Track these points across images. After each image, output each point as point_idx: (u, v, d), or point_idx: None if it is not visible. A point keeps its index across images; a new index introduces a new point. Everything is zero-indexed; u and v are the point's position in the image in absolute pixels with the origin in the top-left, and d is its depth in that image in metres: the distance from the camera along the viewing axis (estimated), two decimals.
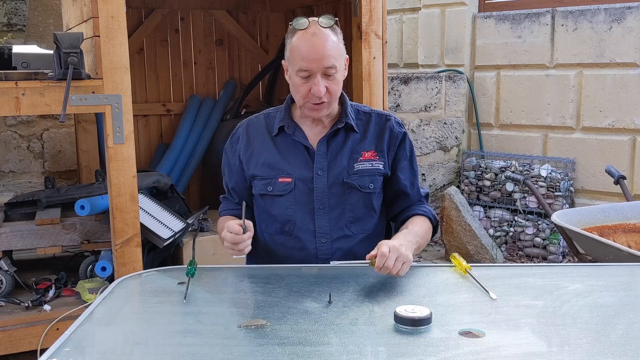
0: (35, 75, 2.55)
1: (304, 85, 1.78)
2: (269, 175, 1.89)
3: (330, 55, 1.75)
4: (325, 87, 1.77)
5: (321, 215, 1.88)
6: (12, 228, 2.93)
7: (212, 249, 3.33)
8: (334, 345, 1.28)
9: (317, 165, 1.88)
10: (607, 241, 2.45)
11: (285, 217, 1.89)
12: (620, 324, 1.40)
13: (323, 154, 1.89)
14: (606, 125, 4.27)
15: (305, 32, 1.76)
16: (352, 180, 1.88)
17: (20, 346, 2.65)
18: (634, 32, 4.12)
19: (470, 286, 1.63)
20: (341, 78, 1.83)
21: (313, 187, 1.87)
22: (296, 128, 1.90)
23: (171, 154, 4.27)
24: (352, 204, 1.89)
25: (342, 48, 1.82)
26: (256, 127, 1.95)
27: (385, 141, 1.92)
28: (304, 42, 1.75)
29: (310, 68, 1.75)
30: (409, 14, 5.34)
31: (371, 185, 1.89)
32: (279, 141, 1.91)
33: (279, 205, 1.89)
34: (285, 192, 1.88)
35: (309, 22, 1.77)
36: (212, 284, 1.65)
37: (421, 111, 4.73)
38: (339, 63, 1.78)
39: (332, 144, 1.90)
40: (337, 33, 1.80)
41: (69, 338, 1.32)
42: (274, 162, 1.90)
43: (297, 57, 1.76)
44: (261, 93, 4.64)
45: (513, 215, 4.49)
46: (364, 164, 1.89)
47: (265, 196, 1.90)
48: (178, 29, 4.42)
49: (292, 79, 1.82)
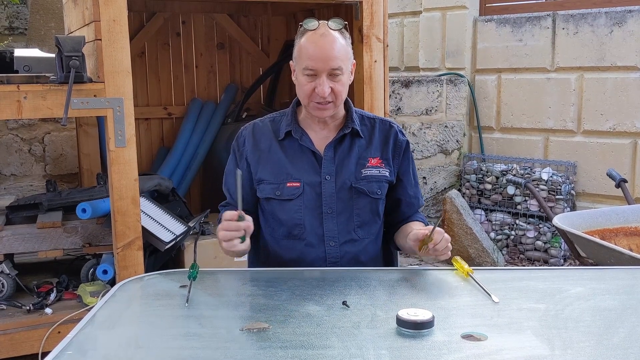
0: (37, 78, 2.56)
1: (308, 84, 1.80)
2: (277, 179, 1.90)
3: (337, 56, 1.78)
4: (330, 88, 1.79)
5: (329, 219, 1.89)
6: (13, 231, 2.93)
7: (214, 252, 3.32)
8: (336, 348, 1.28)
9: (324, 170, 1.90)
10: (609, 244, 2.45)
11: (294, 221, 1.90)
12: (623, 328, 1.40)
13: (330, 158, 1.90)
14: (607, 129, 4.28)
15: (315, 32, 1.79)
16: (361, 186, 1.90)
17: (21, 349, 2.65)
18: (635, 35, 4.12)
19: (472, 289, 1.63)
20: (347, 81, 1.85)
21: (321, 191, 1.89)
22: (303, 133, 1.91)
23: (172, 157, 4.27)
24: (359, 208, 1.91)
25: (349, 52, 1.84)
26: (262, 130, 1.96)
27: (390, 149, 1.96)
28: (312, 42, 1.78)
29: (316, 67, 1.77)
30: (410, 17, 5.34)
31: (379, 191, 1.92)
32: (286, 145, 1.92)
33: (287, 210, 1.90)
34: (293, 197, 1.88)
35: (318, 23, 1.80)
36: (214, 287, 1.65)
37: (422, 114, 4.73)
38: (345, 65, 1.81)
39: (339, 149, 1.92)
40: (346, 37, 1.84)
41: (71, 341, 1.32)
42: (282, 166, 1.91)
43: (304, 56, 1.79)
44: (262, 96, 4.64)
45: (514, 218, 4.48)
46: (371, 170, 1.91)
47: (273, 200, 1.91)
48: (179, 32, 4.43)
49: (298, 78, 1.84)
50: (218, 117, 4.43)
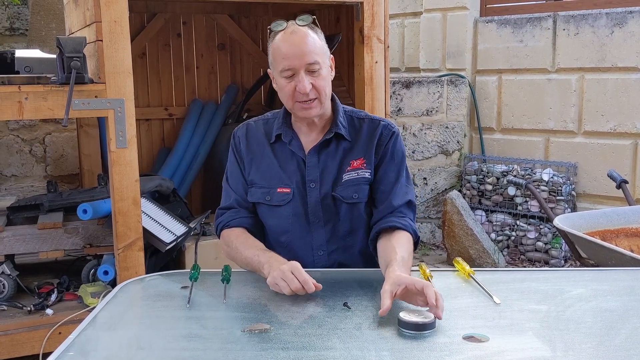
0: (38, 79, 2.56)
1: (289, 85, 1.73)
2: (267, 184, 1.85)
3: (311, 51, 1.71)
4: (311, 84, 1.72)
5: (316, 228, 1.84)
6: (14, 232, 2.93)
7: (215, 253, 3.32)
8: (338, 350, 1.28)
9: (309, 176, 1.83)
10: (610, 245, 2.45)
11: (282, 227, 1.85)
12: (624, 329, 1.40)
13: (315, 165, 1.83)
14: (608, 130, 4.28)
15: (284, 32, 1.74)
16: (337, 192, 1.82)
17: (22, 350, 2.65)
18: (636, 36, 4.13)
19: (473, 291, 1.63)
20: (327, 76, 1.77)
21: (307, 199, 1.83)
22: (293, 136, 1.85)
23: (173, 158, 4.27)
24: (342, 215, 1.83)
25: (324, 46, 1.77)
26: (255, 133, 1.90)
27: (374, 145, 1.84)
28: (284, 42, 1.72)
29: (293, 66, 1.71)
30: (411, 18, 5.34)
31: (355, 195, 1.82)
32: (277, 149, 1.86)
33: (276, 216, 1.85)
34: (283, 203, 1.83)
35: (286, 23, 1.76)
36: (215, 288, 1.65)
37: (423, 115, 4.73)
38: (321, 59, 1.74)
39: (323, 154, 1.84)
40: (317, 31, 1.77)
41: (72, 342, 1.32)
42: (273, 171, 1.85)
43: (279, 58, 1.73)
44: (263, 97, 4.64)
45: (515, 219, 4.48)
46: (350, 174, 1.82)
47: (262, 205, 1.86)
48: (180, 33, 4.43)
49: (278, 82, 1.77)
50: (219, 118, 4.43)
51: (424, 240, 4.86)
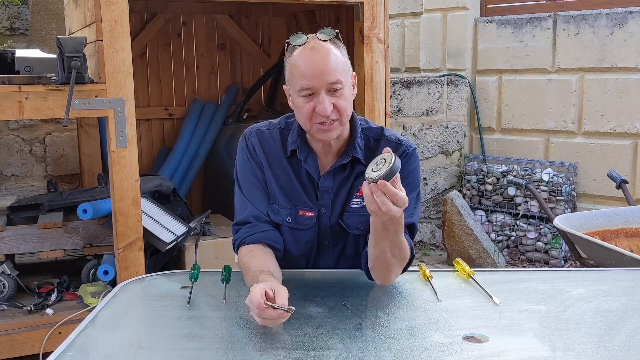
0: (39, 79, 2.56)
1: (307, 105, 1.59)
2: (290, 204, 1.74)
3: (333, 69, 1.57)
4: (332, 105, 1.58)
5: (326, 250, 1.77)
6: (14, 232, 2.93)
7: (215, 253, 3.33)
8: (338, 350, 1.28)
9: (320, 201, 1.72)
10: (610, 245, 2.45)
11: (301, 251, 1.76)
12: (624, 329, 1.40)
13: (327, 190, 1.72)
14: (608, 130, 4.28)
15: (304, 48, 1.60)
16: (343, 220, 1.72)
17: (22, 350, 2.65)
18: (636, 36, 4.13)
19: (473, 291, 1.63)
20: (349, 95, 1.64)
21: (319, 224, 1.73)
22: (309, 154, 1.72)
23: (173, 158, 4.27)
24: (350, 240, 1.75)
25: (346, 63, 1.64)
26: (271, 143, 1.77)
27: None
28: (303, 59, 1.59)
29: (312, 85, 1.57)
30: (411, 18, 5.34)
31: (361, 227, 1.70)
32: (294, 164, 1.74)
33: (297, 239, 1.75)
34: (305, 228, 1.73)
35: (307, 37, 1.62)
36: (215, 288, 1.65)
37: (423, 115, 4.74)
38: (344, 78, 1.60)
39: (338, 179, 1.72)
40: (340, 47, 1.63)
41: (73, 342, 1.32)
42: (295, 189, 1.73)
43: (297, 76, 1.59)
44: (263, 97, 4.64)
45: (515, 219, 4.48)
46: (357, 202, 1.70)
47: (282, 226, 1.75)
48: (180, 33, 4.43)
49: (294, 101, 1.64)
50: (219, 118, 4.43)
51: (424, 240, 4.86)
